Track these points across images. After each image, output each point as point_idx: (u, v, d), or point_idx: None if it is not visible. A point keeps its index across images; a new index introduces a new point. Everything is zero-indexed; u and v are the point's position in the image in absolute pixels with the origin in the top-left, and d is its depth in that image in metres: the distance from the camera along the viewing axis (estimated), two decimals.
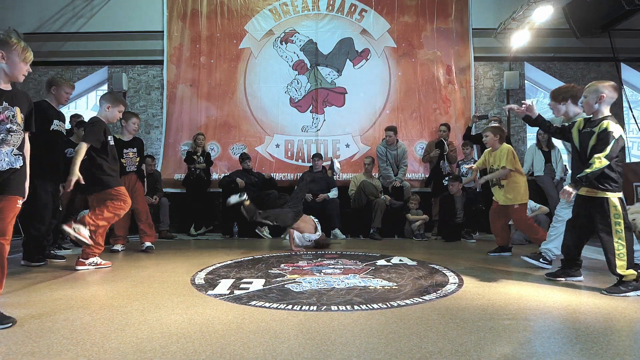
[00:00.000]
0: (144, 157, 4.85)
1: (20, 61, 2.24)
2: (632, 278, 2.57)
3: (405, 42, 7.27)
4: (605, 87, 2.71)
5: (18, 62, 2.23)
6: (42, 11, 7.21)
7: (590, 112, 2.76)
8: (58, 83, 3.73)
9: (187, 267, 3.51)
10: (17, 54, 2.21)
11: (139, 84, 7.28)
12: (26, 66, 2.28)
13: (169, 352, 1.64)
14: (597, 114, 2.73)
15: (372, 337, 1.80)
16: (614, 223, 2.60)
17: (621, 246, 2.58)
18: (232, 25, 7.26)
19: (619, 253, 2.58)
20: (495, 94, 7.33)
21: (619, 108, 7.26)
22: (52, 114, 3.67)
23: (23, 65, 2.26)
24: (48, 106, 3.68)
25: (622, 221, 2.60)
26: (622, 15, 6.11)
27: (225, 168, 6.98)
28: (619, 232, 2.59)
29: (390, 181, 6.18)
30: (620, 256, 2.58)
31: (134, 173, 4.53)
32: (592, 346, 1.69)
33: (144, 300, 2.46)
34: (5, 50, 2.19)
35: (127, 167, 4.46)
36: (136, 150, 4.56)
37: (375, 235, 5.62)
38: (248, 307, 2.28)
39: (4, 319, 2.01)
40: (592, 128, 2.68)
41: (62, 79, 3.92)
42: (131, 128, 4.54)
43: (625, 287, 2.56)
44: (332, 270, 3.34)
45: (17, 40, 2.24)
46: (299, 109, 7.18)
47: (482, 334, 1.83)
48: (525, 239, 5.06)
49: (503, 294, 2.56)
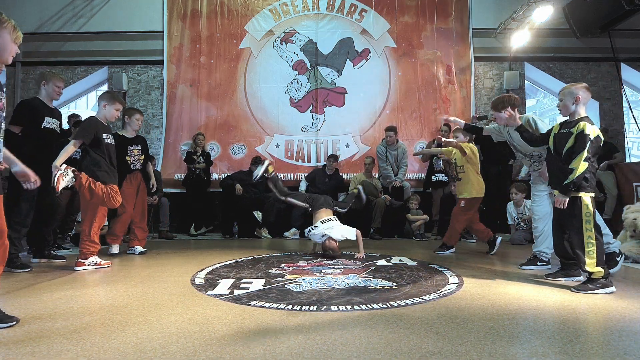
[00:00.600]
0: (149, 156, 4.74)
1: (11, 41, 2.04)
2: (600, 275, 2.62)
3: (405, 42, 7.28)
4: (579, 89, 2.78)
5: (9, 42, 2.03)
6: (42, 11, 7.21)
7: (567, 113, 2.82)
8: (47, 77, 3.67)
9: (187, 267, 3.51)
10: (8, 32, 2.01)
11: (139, 84, 7.28)
12: (15, 47, 2.06)
13: (169, 352, 1.64)
14: (573, 115, 2.79)
15: (372, 337, 1.80)
16: (584, 221, 2.65)
17: (591, 244, 2.63)
18: (232, 25, 7.26)
19: (588, 250, 2.63)
20: (495, 94, 7.32)
21: (619, 108, 7.27)
22: (44, 112, 3.60)
23: (13, 47, 2.05)
24: (39, 104, 3.62)
25: (592, 220, 2.65)
26: (622, 15, 6.11)
27: (225, 168, 6.98)
28: (589, 230, 2.64)
29: (390, 181, 6.18)
30: (589, 254, 2.63)
31: (139, 171, 4.37)
32: (592, 346, 1.69)
33: (144, 300, 2.46)
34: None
35: (132, 165, 4.29)
36: (140, 147, 4.39)
37: (375, 235, 5.62)
38: (248, 307, 2.28)
39: (6, 318, 1.99)
40: (569, 129, 2.73)
41: (51, 72, 3.85)
42: (135, 125, 4.35)
43: (594, 285, 2.61)
44: (332, 270, 3.34)
45: (7, 17, 2.03)
46: (299, 109, 7.18)
47: (482, 334, 1.83)
48: (525, 239, 5.06)
49: (503, 294, 2.56)
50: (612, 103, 7.27)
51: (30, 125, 3.55)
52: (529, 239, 5.09)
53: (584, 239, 2.64)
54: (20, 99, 7.09)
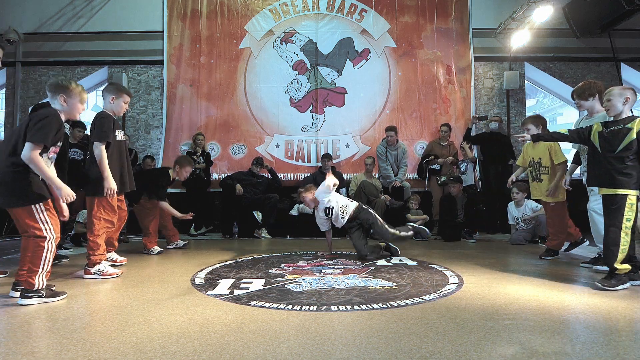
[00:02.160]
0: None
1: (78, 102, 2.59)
2: (625, 272, 2.69)
3: (405, 42, 7.27)
4: (627, 90, 2.84)
5: (76, 104, 2.58)
6: (42, 11, 7.21)
7: (614, 113, 2.84)
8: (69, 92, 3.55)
9: (187, 267, 3.51)
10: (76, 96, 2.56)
11: (139, 84, 7.28)
12: (82, 105, 2.62)
13: (169, 352, 1.64)
14: (621, 114, 2.82)
15: (372, 337, 1.80)
16: (625, 219, 2.69)
17: (626, 241, 2.69)
18: (232, 25, 7.26)
19: (622, 248, 2.68)
20: (495, 94, 7.33)
21: None
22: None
23: (80, 106, 2.61)
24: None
25: (632, 219, 2.70)
26: (622, 15, 6.11)
27: (225, 168, 6.98)
28: (627, 228, 2.70)
29: (390, 181, 6.18)
30: (622, 250, 2.69)
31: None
32: (592, 346, 1.69)
33: (144, 300, 2.46)
34: (65, 94, 2.52)
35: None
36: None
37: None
38: (248, 307, 2.28)
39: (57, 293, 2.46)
40: (624, 125, 2.76)
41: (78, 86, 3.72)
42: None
43: (616, 281, 2.67)
44: (332, 270, 3.34)
45: (75, 84, 2.57)
46: (299, 109, 7.18)
47: (482, 334, 1.83)
48: (525, 239, 5.05)
49: (503, 294, 2.56)
50: None
51: None
52: (529, 239, 5.09)
53: (620, 236, 2.69)
54: (21, 99, 7.15)
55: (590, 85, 3.35)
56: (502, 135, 6.68)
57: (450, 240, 5.36)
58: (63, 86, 2.53)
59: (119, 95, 3.45)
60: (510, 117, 7.28)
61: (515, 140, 7.16)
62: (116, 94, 3.44)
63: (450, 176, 5.90)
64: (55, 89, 2.52)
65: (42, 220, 2.38)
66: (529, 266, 3.60)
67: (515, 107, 7.31)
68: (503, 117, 7.11)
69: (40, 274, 2.37)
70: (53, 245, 2.43)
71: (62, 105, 2.53)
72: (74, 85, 2.56)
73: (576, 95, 3.40)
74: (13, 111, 7.12)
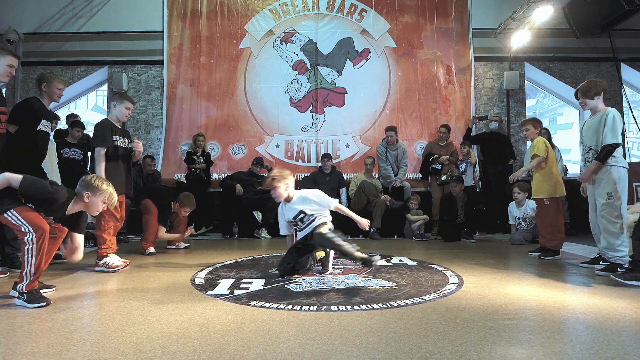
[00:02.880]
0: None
1: (101, 203, 2.54)
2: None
3: (405, 42, 7.28)
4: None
5: (98, 204, 2.53)
6: (42, 11, 7.21)
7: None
8: (48, 79, 3.46)
9: (187, 267, 3.51)
10: (101, 199, 2.52)
11: (139, 84, 7.28)
12: (103, 206, 2.57)
13: (169, 352, 1.64)
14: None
15: (372, 337, 1.80)
16: None
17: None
18: (232, 25, 7.26)
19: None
20: (495, 94, 7.33)
21: (619, 108, 7.27)
22: (42, 114, 3.45)
23: (101, 205, 2.55)
24: (40, 105, 3.43)
25: None
26: (622, 15, 6.12)
27: (225, 168, 6.98)
28: None
29: (390, 181, 6.18)
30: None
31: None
32: (592, 346, 1.69)
33: (144, 300, 2.46)
34: (91, 191, 2.48)
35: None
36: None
37: (375, 235, 5.62)
38: (248, 307, 2.28)
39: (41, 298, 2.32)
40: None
41: (52, 74, 3.63)
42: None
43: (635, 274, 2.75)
44: (332, 270, 3.33)
45: (106, 186, 2.54)
46: (299, 109, 7.19)
47: (482, 334, 1.83)
48: (525, 239, 5.05)
49: (503, 294, 2.55)
50: (612, 103, 7.26)
51: (26, 126, 3.37)
52: (529, 239, 5.09)
53: None
54: (20, 99, 7.14)
55: (595, 84, 3.35)
56: (502, 135, 6.68)
57: (450, 240, 5.36)
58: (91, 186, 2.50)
59: (121, 101, 3.68)
60: (510, 117, 7.28)
61: (514, 140, 7.18)
62: (118, 101, 3.68)
63: (452, 175, 5.89)
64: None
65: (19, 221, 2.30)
66: (529, 266, 3.60)
67: (515, 107, 7.32)
68: (503, 117, 7.11)
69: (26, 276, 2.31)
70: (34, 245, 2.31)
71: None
72: (105, 186, 2.54)
73: (581, 93, 3.39)
74: None
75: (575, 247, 4.60)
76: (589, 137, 3.37)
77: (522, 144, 7.25)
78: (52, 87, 3.48)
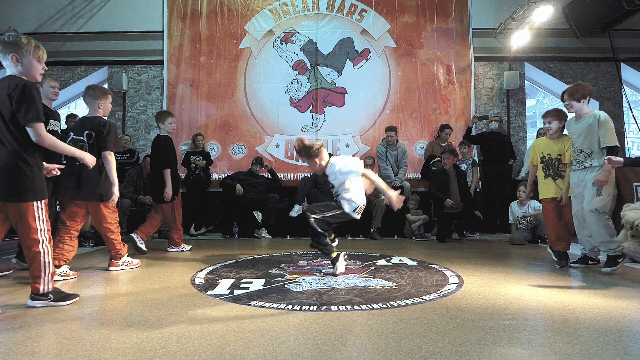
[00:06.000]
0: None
1: (34, 60, 2.25)
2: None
3: (405, 42, 7.27)
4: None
5: (32, 62, 2.25)
6: (42, 11, 7.21)
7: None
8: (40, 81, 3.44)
9: (187, 267, 3.51)
10: (29, 54, 2.23)
11: (139, 84, 7.28)
12: (41, 65, 2.30)
13: (169, 352, 1.64)
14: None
15: (372, 337, 1.80)
16: None
17: None
18: (232, 25, 7.26)
19: None
20: (495, 94, 7.33)
21: (619, 108, 7.28)
22: (50, 115, 3.51)
23: (38, 64, 2.28)
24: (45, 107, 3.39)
25: None
26: (622, 15, 6.12)
27: (225, 168, 6.98)
28: None
29: (390, 181, 6.17)
30: None
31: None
32: (592, 346, 1.69)
33: (144, 300, 2.46)
34: (17, 52, 2.19)
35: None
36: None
37: (375, 235, 5.62)
38: (248, 307, 2.28)
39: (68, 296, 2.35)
40: None
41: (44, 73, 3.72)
42: (169, 128, 4.52)
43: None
44: (332, 270, 3.33)
45: (27, 40, 2.24)
46: (299, 109, 7.18)
47: (482, 334, 1.83)
48: (525, 239, 5.05)
49: (503, 294, 2.56)
50: (612, 103, 7.27)
51: None
52: (529, 239, 5.09)
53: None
54: None
55: (583, 87, 3.36)
56: (502, 135, 6.68)
57: (443, 240, 5.35)
58: (11, 43, 2.19)
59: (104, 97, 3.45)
60: (510, 117, 7.28)
61: (514, 140, 7.17)
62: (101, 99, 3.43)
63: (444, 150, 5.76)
64: (4, 48, 2.19)
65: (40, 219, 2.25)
66: (529, 266, 3.60)
67: (515, 107, 7.32)
68: (503, 117, 7.11)
69: (44, 278, 2.29)
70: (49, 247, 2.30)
71: (15, 66, 2.21)
72: (25, 40, 2.23)
73: (568, 95, 3.39)
74: None
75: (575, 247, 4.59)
76: (580, 141, 3.36)
77: (522, 144, 7.25)
78: (45, 87, 3.52)
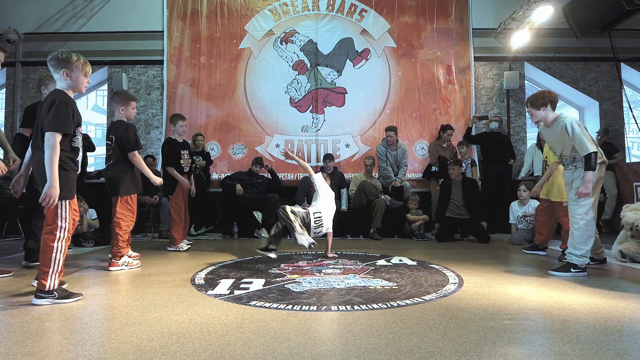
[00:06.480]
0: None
1: (81, 75, 2.50)
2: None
3: (405, 42, 7.27)
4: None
5: (80, 77, 2.49)
6: (42, 11, 7.21)
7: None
8: (45, 82, 3.60)
9: (187, 267, 3.51)
10: (78, 69, 2.47)
11: (139, 84, 7.28)
12: (87, 79, 2.55)
13: (169, 352, 1.64)
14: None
15: (372, 337, 1.80)
16: None
17: None
18: (232, 25, 7.26)
19: None
20: (495, 94, 7.33)
21: (619, 108, 7.28)
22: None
23: (84, 79, 2.53)
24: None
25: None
26: (622, 15, 6.12)
27: (225, 168, 6.98)
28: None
29: (390, 181, 6.18)
30: None
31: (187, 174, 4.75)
32: (592, 346, 1.69)
33: (144, 300, 2.46)
34: (68, 68, 2.43)
35: (184, 168, 4.70)
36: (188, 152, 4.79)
37: (375, 235, 5.62)
38: (248, 307, 2.28)
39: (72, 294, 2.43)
40: None
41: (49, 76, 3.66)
42: (180, 130, 4.73)
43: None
44: (332, 270, 3.34)
45: (77, 57, 2.48)
46: (299, 109, 7.18)
47: (482, 334, 1.83)
48: (525, 239, 5.05)
49: (503, 294, 2.56)
50: (612, 103, 7.27)
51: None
52: (529, 238, 5.09)
53: None
54: (21, 99, 7.15)
55: (543, 94, 3.35)
56: (502, 135, 6.69)
57: (443, 240, 5.35)
58: (64, 59, 2.43)
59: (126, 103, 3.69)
60: (510, 117, 7.28)
61: (514, 140, 7.18)
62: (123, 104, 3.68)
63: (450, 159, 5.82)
64: (57, 64, 2.43)
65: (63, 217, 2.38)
66: (529, 266, 3.60)
67: (515, 107, 7.32)
68: (503, 117, 7.11)
69: (52, 275, 2.34)
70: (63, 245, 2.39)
71: (65, 80, 2.45)
72: (75, 57, 2.47)
73: (529, 103, 3.39)
74: (13, 111, 7.12)
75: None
76: (560, 148, 3.35)
77: (522, 144, 7.25)
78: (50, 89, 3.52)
